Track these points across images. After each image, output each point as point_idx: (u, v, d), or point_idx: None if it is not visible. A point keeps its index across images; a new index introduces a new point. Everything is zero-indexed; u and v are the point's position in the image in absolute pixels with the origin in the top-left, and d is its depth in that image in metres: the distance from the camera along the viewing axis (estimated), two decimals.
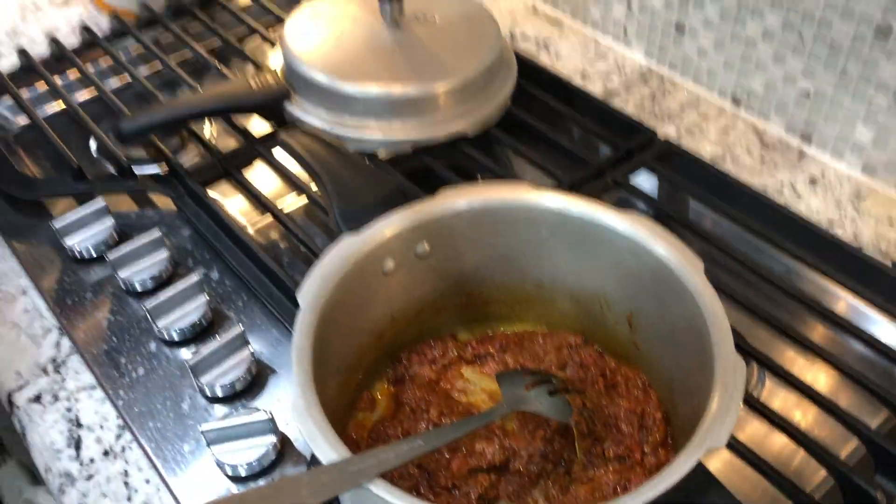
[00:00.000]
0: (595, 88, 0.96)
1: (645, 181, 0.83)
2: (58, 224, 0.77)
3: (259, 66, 0.93)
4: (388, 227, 0.54)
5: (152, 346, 0.71)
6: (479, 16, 0.88)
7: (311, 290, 0.50)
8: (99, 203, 0.78)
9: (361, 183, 0.59)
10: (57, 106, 0.98)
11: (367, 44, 0.84)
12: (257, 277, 0.74)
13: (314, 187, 0.80)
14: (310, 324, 0.48)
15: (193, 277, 0.71)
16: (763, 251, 0.76)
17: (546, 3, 1.11)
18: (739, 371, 0.44)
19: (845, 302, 0.72)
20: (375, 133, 0.80)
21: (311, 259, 0.77)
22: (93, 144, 0.93)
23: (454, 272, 0.59)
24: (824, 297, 0.72)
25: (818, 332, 0.71)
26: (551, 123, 0.87)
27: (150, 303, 0.69)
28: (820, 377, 0.67)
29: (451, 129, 0.81)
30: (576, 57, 1.03)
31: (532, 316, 0.63)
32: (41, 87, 0.98)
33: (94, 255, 0.78)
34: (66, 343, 0.73)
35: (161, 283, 0.75)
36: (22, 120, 0.97)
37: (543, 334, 0.62)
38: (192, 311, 0.71)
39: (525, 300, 0.62)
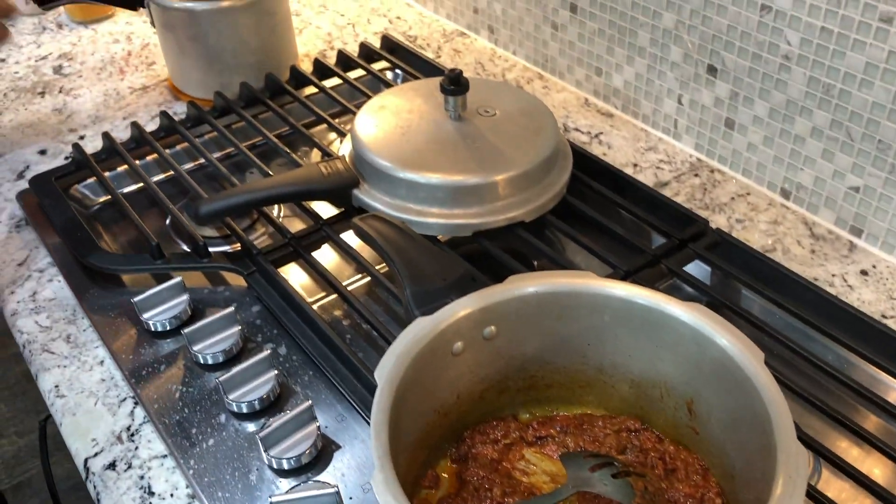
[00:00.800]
0: (646, 179, 1.00)
1: (697, 269, 0.86)
2: (137, 300, 0.81)
3: (328, 154, 0.99)
4: (459, 310, 0.57)
5: (222, 417, 0.74)
6: (537, 110, 0.93)
7: (388, 368, 0.53)
8: (176, 280, 0.83)
9: (432, 267, 0.62)
10: (135, 186, 1.05)
11: (432, 135, 0.88)
12: (323, 354, 0.77)
13: (379, 268, 0.84)
14: (387, 400, 0.51)
15: (263, 353, 0.75)
16: (814, 339, 0.77)
17: (597, 97, 1.16)
18: (802, 461, 0.45)
19: None
20: (437, 219, 0.84)
21: (373, 336, 0.80)
22: (167, 221, 0.99)
23: (518, 355, 0.62)
24: (877, 386, 0.73)
25: (872, 422, 0.71)
26: (605, 212, 0.91)
27: (222, 376, 0.73)
28: (875, 467, 0.67)
29: (509, 216, 0.85)
30: (627, 148, 1.07)
31: (591, 399, 0.65)
32: (121, 168, 1.05)
33: (169, 329, 0.82)
34: (139, 412, 0.76)
35: (232, 357, 0.79)
36: (102, 198, 1.03)
37: (603, 417, 0.64)
38: (262, 385, 0.74)
39: (585, 384, 0.64)
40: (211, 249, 0.89)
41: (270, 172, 0.97)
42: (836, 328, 0.75)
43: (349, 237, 0.89)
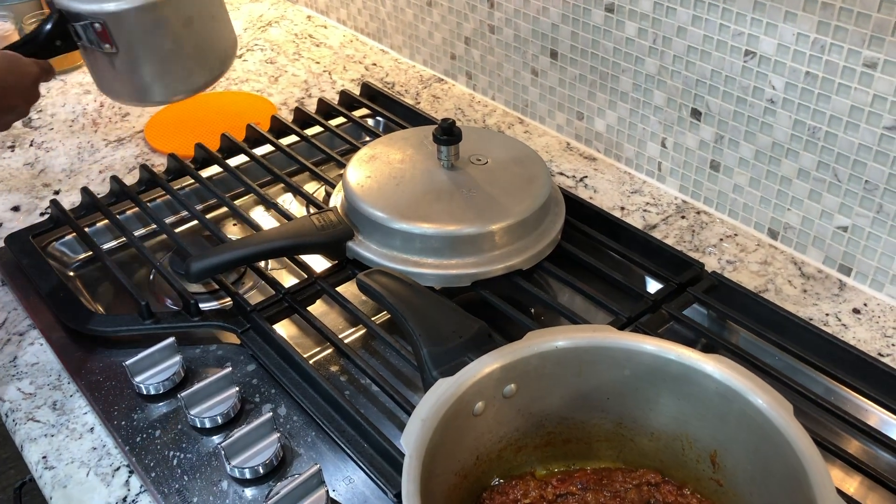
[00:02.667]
0: (634, 221, 1.00)
1: (691, 312, 0.86)
2: (129, 363, 0.78)
3: (319, 206, 0.97)
4: (480, 369, 0.56)
5: (224, 484, 0.71)
6: (528, 157, 0.93)
7: (415, 434, 0.52)
8: (168, 341, 0.80)
9: (446, 324, 0.61)
10: (115, 241, 1.02)
11: (426, 185, 0.88)
12: (326, 413, 0.75)
13: (375, 320, 0.83)
14: (416, 469, 0.49)
15: (264, 416, 0.73)
16: (817, 381, 0.78)
17: (579, 141, 1.17)
18: None
19: None
20: (435, 269, 0.83)
21: (372, 391, 0.79)
22: (151, 276, 0.96)
23: (537, 411, 0.61)
24: (887, 428, 0.73)
25: (882, 462, 0.72)
26: (600, 257, 0.91)
27: (224, 441, 0.70)
28: None
29: (507, 264, 0.84)
30: (613, 191, 1.07)
31: (610, 453, 0.64)
32: (101, 223, 1.02)
33: (163, 392, 0.79)
34: (135, 482, 0.73)
35: (229, 420, 0.76)
36: (82, 255, 1.00)
37: (622, 471, 0.63)
38: (264, 449, 0.72)
39: (605, 438, 0.63)
40: (201, 306, 0.86)
41: (258, 223, 0.96)
42: (837, 368, 0.76)
43: (344, 290, 0.88)
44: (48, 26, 0.97)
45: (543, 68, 1.16)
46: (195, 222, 1.03)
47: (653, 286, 0.90)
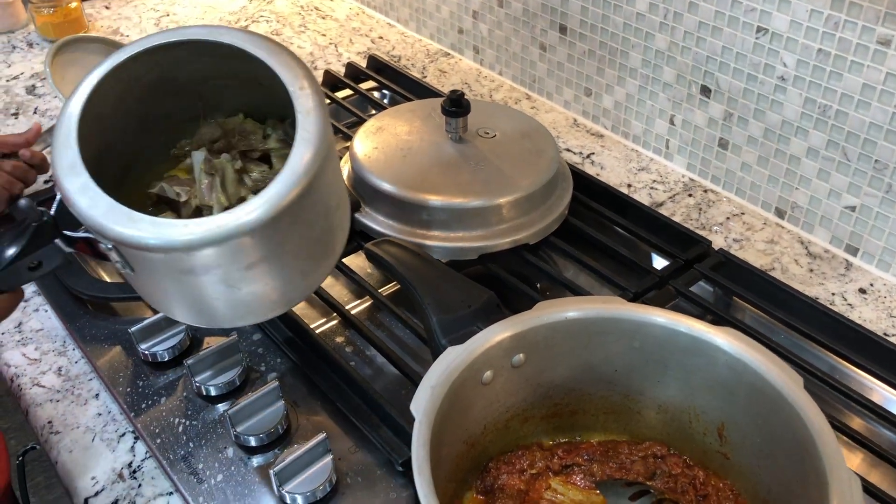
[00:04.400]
0: (641, 199, 1.00)
1: (700, 289, 0.86)
2: (135, 329, 0.78)
3: None
4: (490, 338, 0.56)
5: (230, 451, 0.71)
6: (537, 131, 0.93)
7: (424, 401, 0.52)
8: None
9: (456, 294, 0.61)
10: None
11: (434, 157, 0.87)
12: (332, 383, 0.75)
13: (382, 291, 0.83)
14: (426, 434, 0.50)
15: (271, 384, 0.73)
16: (822, 359, 0.78)
17: (586, 118, 1.16)
18: (856, 486, 0.45)
19: None
20: (442, 242, 0.83)
21: (378, 362, 0.78)
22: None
23: (545, 382, 0.61)
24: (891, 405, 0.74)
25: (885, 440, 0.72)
26: (607, 233, 0.91)
27: (230, 409, 0.70)
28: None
29: (514, 238, 0.84)
30: (619, 168, 1.07)
31: (616, 425, 0.64)
32: None
33: (168, 359, 0.79)
34: (141, 448, 0.73)
35: (235, 388, 0.76)
36: None
37: (628, 444, 0.63)
38: (270, 417, 0.72)
39: (611, 410, 0.63)
40: None
41: None
42: (843, 346, 0.76)
43: (350, 261, 0.87)
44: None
45: (552, 43, 1.15)
46: None
47: (659, 262, 0.89)
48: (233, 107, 0.66)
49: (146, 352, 0.79)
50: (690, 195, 1.02)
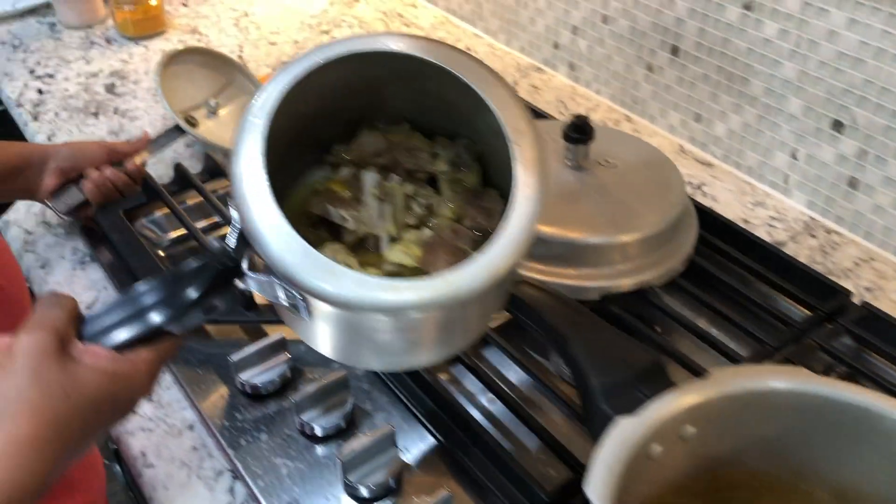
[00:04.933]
0: (760, 236, 0.93)
1: (838, 343, 0.79)
2: (236, 359, 0.73)
3: None
4: (665, 410, 0.50)
5: (342, 499, 0.66)
6: (660, 161, 0.87)
7: (601, 483, 0.46)
8: (277, 337, 0.75)
9: (614, 350, 0.55)
10: (206, 221, 0.97)
11: (553, 187, 0.81)
12: (450, 432, 0.70)
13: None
14: None
15: (385, 428, 0.67)
16: None
17: (694, 144, 1.10)
18: None
19: None
20: (562, 279, 0.77)
21: (481, 399, 0.72)
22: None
23: (710, 455, 0.55)
24: None
25: None
26: (732, 275, 0.84)
27: (344, 455, 0.65)
28: None
29: (639, 279, 0.78)
30: (734, 202, 1.01)
31: None
32: (193, 201, 0.97)
33: (271, 392, 0.74)
34: (240, 489, 0.68)
35: (341, 429, 0.71)
36: (173, 233, 0.95)
37: None
38: (383, 465, 0.66)
39: (776, 489, 0.57)
40: None
41: None
42: None
43: None
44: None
45: (661, 64, 1.09)
46: None
47: (789, 309, 0.83)
48: (396, 112, 0.60)
49: (245, 383, 0.74)
50: (813, 236, 0.95)
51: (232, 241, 0.51)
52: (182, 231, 0.95)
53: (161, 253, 0.93)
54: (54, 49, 1.32)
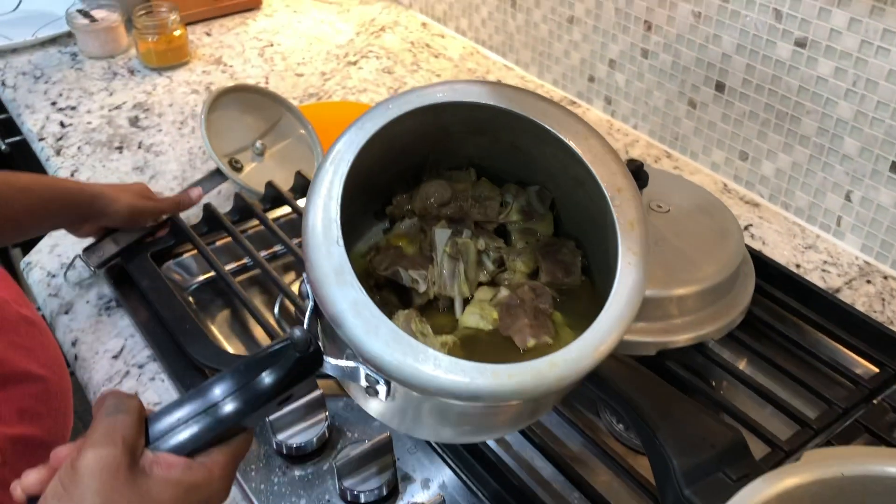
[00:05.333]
0: (813, 281, 0.89)
1: None
2: (273, 417, 0.69)
3: None
4: (755, 498, 0.46)
5: None
6: (714, 207, 0.83)
7: None
8: (316, 394, 0.71)
9: (695, 428, 0.51)
10: (235, 263, 0.93)
11: None
12: (494, 491, 0.66)
13: None
14: None
15: (436, 499, 0.63)
16: None
17: (738, 183, 1.06)
18: None
19: None
20: None
21: (525, 455, 0.68)
22: (276, 309, 0.87)
23: None
24: None
25: None
26: (790, 326, 0.80)
27: None
28: None
29: (697, 334, 0.74)
30: (784, 244, 0.96)
31: None
32: (221, 241, 0.93)
33: (308, 453, 0.70)
34: None
35: (383, 497, 0.67)
36: (201, 277, 0.92)
37: None
38: None
39: None
40: None
41: None
42: None
43: None
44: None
45: (704, 100, 1.05)
46: None
47: (851, 363, 0.79)
48: (461, 158, 0.56)
49: (282, 443, 0.70)
50: (869, 281, 0.91)
51: (306, 322, 0.47)
52: (211, 273, 0.91)
53: (190, 299, 0.89)
54: (76, 80, 1.29)
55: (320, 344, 0.47)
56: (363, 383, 0.45)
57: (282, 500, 0.67)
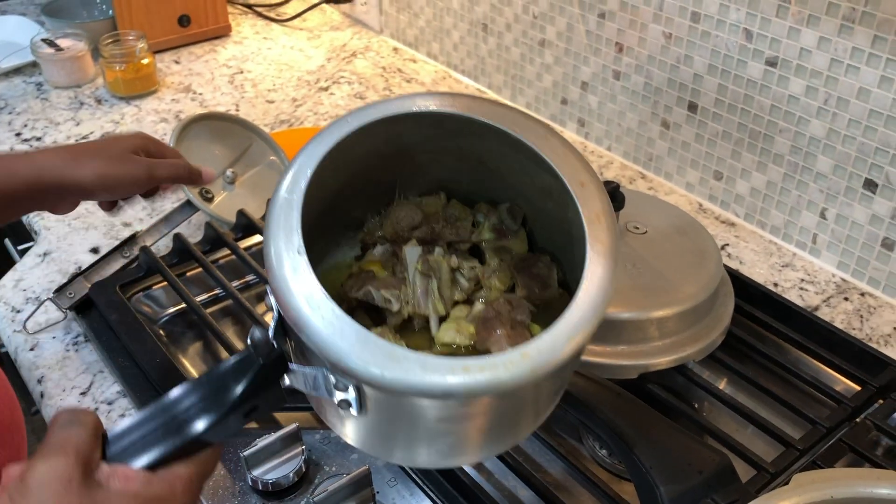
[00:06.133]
0: (792, 299, 0.89)
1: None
2: (247, 453, 0.67)
3: None
4: None
5: None
6: (692, 227, 0.82)
7: None
8: (291, 428, 0.69)
9: (682, 453, 0.50)
10: (206, 295, 0.91)
11: None
12: None
13: None
14: None
15: None
16: None
17: (713, 202, 1.06)
18: None
19: None
20: (598, 357, 0.72)
21: (509, 484, 0.67)
22: (249, 340, 0.85)
23: None
24: None
25: None
26: (773, 345, 0.80)
27: None
28: None
29: (678, 356, 0.73)
30: (761, 263, 0.96)
31: None
32: (191, 272, 0.91)
33: (284, 488, 0.68)
34: None
35: None
36: (171, 309, 0.89)
37: None
38: None
39: None
40: None
41: None
42: None
43: None
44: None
45: (677, 121, 1.06)
46: None
47: (832, 381, 0.78)
48: (430, 181, 0.55)
49: (258, 479, 0.67)
50: (846, 299, 0.91)
51: (271, 333, 0.45)
52: (182, 305, 0.89)
53: (161, 331, 0.87)
54: (42, 110, 1.27)
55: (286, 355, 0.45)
56: (330, 393, 0.43)
57: None
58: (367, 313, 0.51)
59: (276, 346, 0.45)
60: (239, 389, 0.44)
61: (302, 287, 0.41)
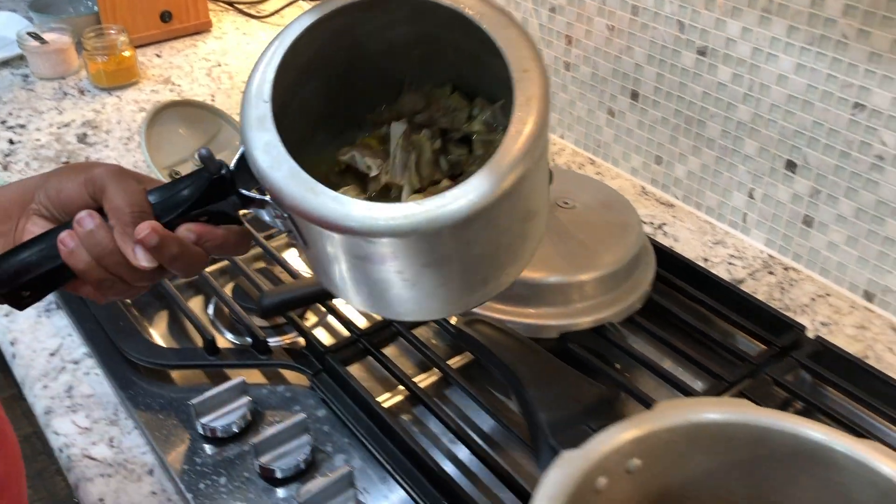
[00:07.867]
0: (720, 274, 0.95)
1: (793, 377, 0.80)
2: (196, 402, 0.73)
3: None
4: (609, 443, 0.51)
5: None
6: (618, 202, 0.89)
7: None
8: (237, 381, 0.75)
9: (562, 386, 0.56)
10: None
11: None
12: (406, 469, 0.70)
13: (451, 363, 0.78)
14: None
15: (342, 469, 0.67)
16: None
17: (656, 186, 1.12)
18: None
19: None
20: (521, 318, 0.78)
21: (444, 440, 0.73)
22: (210, 310, 0.92)
23: (657, 488, 0.55)
24: None
25: None
26: (689, 312, 0.86)
27: (301, 499, 0.65)
28: None
29: (597, 317, 0.79)
30: (694, 241, 1.02)
31: None
32: None
33: (230, 435, 0.74)
34: None
35: (301, 471, 0.71)
36: None
37: None
38: None
39: None
40: (270, 343, 0.81)
41: None
42: None
43: (421, 332, 0.83)
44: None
45: (622, 109, 1.12)
46: (258, 250, 0.99)
47: (746, 345, 0.84)
48: (443, 77, 0.59)
49: (206, 426, 0.74)
50: (771, 273, 0.97)
51: (233, 162, 0.52)
52: None
53: (128, 300, 0.93)
54: (27, 100, 1.34)
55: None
56: (274, 221, 0.50)
57: (203, 479, 0.71)
58: (356, 177, 0.57)
59: (224, 167, 0.52)
60: (187, 192, 0.52)
61: (259, 128, 0.48)
